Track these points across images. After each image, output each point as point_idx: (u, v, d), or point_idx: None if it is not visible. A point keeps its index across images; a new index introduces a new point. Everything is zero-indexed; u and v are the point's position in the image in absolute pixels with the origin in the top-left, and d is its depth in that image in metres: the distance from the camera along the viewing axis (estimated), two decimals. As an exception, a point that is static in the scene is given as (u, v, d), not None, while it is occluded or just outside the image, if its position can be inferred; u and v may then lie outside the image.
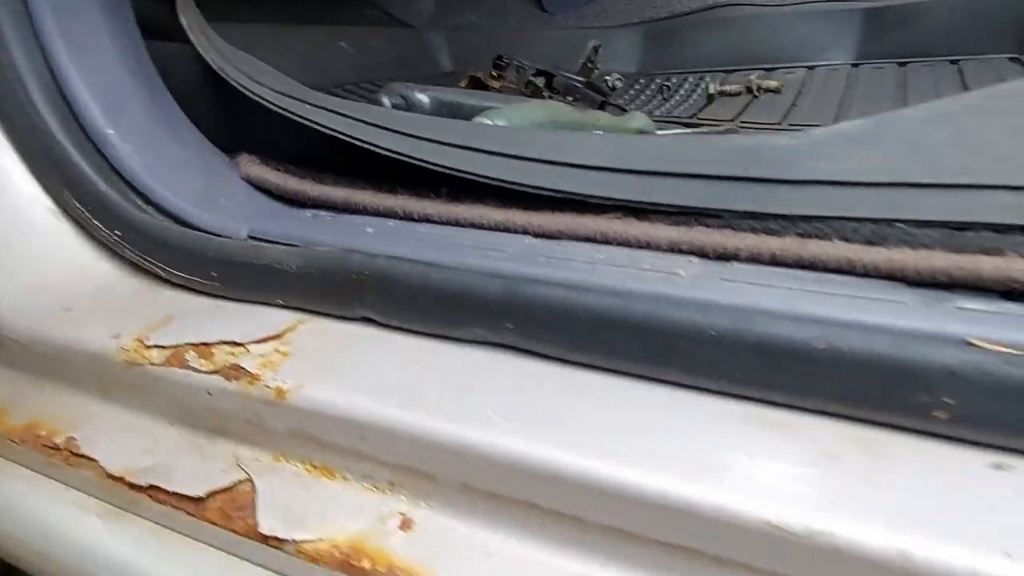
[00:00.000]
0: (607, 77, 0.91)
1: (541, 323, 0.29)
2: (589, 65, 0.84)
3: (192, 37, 0.50)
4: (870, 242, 0.29)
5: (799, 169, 0.31)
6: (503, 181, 0.36)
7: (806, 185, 0.31)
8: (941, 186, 0.29)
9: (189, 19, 0.50)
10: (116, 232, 0.40)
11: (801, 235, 0.30)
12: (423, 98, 0.47)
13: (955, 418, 0.23)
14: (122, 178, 0.41)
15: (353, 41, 0.97)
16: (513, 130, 0.41)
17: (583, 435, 0.26)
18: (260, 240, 0.38)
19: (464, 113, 0.46)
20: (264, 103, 0.44)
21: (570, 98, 0.70)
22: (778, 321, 0.25)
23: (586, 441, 0.25)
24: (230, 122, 0.50)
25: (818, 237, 0.29)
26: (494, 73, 0.71)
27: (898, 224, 0.29)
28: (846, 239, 0.29)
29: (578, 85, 0.76)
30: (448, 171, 0.37)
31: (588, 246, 0.33)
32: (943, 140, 0.30)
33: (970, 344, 0.23)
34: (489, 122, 0.42)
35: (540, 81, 0.70)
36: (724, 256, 0.30)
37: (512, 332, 0.30)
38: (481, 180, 0.36)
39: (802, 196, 0.31)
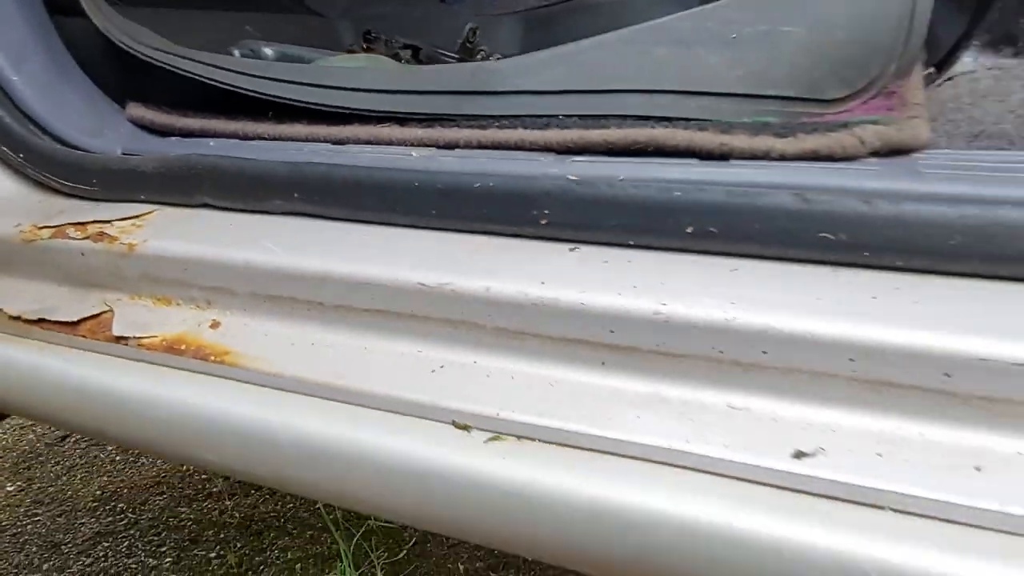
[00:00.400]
0: (490, 57, 1.04)
1: (315, 190, 0.41)
2: (468, 45, 0.97)
3: (88, 11, 0.61)
4: (539, 129, 0.41)
5: (503, 84, 0.44)
6: (309, 103, 0.48)
7: (507, 95, 0.44)
8: (591, 91, 0.42)
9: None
10: (20, 155, 0.51)
11: (499, 128, 0.43)
12: (268, 51, 0.59)
13: (550, 223, 0.36)
14: (24, 114, 0.52)
15: (262, 27, 1.09)
16: (321, 67, 0.54)
17: (339, 253, 0.38)
18: (129, 155, 0.50)
19: (305, 63, 0.58)
20: (141, 56, 0.55)
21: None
22: (459, 175, 0.38)
23: (339, 254, 0.38)
24: (124, 78, 0.61)
25: (510, 128, 0.42)
26: (364, 46, 0.83)
27: (559, 116, 0.42)
28: (526, 128, 0.42)
29: (447, 58, 0.89)
30: (272, 98, 0.49)
31: (366, 146, 0.46)
32: (599, 61, 0.43)
33: (563, 178, 0.36)
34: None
35: (407, 53, 0.82)
36: (450, 145, 0.43)
37: (298, 200, 0.42)
38: (296, 104, 0.49)
39: (503, 103, 0.44)
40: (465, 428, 0.30)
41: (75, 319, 0.42)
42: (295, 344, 0.37)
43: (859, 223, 0.30)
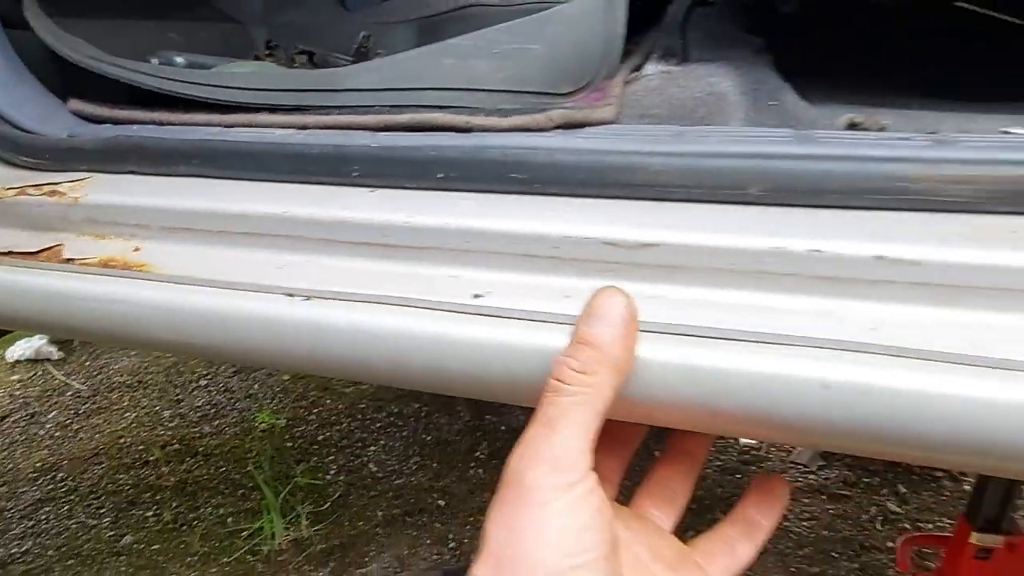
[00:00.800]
0: (384, 59, 1.23)
1: (208, 159, 0.60)
2: (363, 50, 1.16)
3: (34, 27, 0.77)
4: (362, 115, 0.60)
5: (342, 84, 0.63)
6: (205, 98, 0.66)
7: (343, 92, 0.63)
8: (400, 89, 0.62)
9: (31, 14, 0.78)
10: (-13, 139, 0.68)
11: (337, 115, 0.61)
12: (179, 59, 0.77)
13: (360, 175, 0.55)
14: (-10, 108, 0.69)
15: (184, 33, 1.25)
16: (217, 72, 0.72)
17: (221, 197, 0.56)
18: (72, 137, 0.67)
19: (209, 69, 0.76)
20: (80, 64, 0.73)
21: (328, 70, 1.01)
22: (305, 146, 0.57)
23: (222, 198, 0.56)
24: (65, 80, 0.78)
25: (343, 115, 0.61)
26: (267, 52, 1.01)
27: (377, 107, 0.61)
28: (354, 115, 0.61)
29: (342, 62, 1.07)
30: (179, 95, 0.67)
31: (245, 128, 0.64)
32: (407, 68, 0.63)
33: (368, 146, 0.55)
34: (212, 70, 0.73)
35: (303, 58, 1.00)
36: (304, 127, 0.62)
37: (196, 166, 0.60)
38: (197, 99, 0.67)
39: (342, 97, 0.63)
40: (291, 295, 0.49)
41: (35, 250, 0.59)
42: (190, 257, 0.55)
43: (533, 167, 0.50)
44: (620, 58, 0.62)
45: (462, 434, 2.10)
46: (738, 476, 1.88)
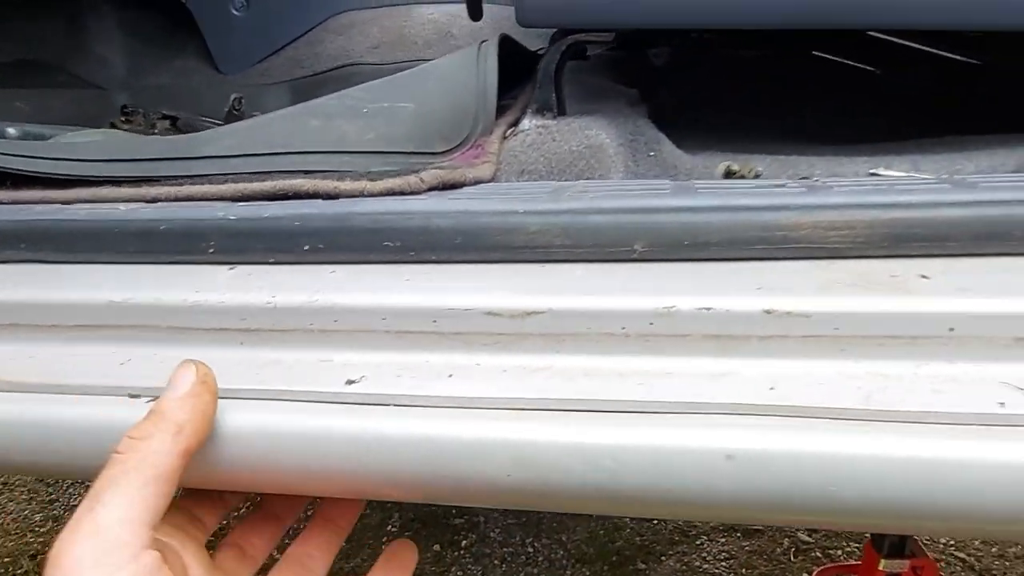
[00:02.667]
0: (259, 121, 1.17)
1: (38, 241, 0.53)
2: (236, 112, 1.10)
3: None
4: (219, 184, 0.55)
5: (197, 151, 0.58)
6: (40, 173, 0.59)
7: (198, 159, 0.58)
8: (261, 154, 0.57)
9: None
10: None
11: (191, 184, 0.56)
12: (11, 130, 0.69)
13: (215, 251, 0.49)
14: None
15: (34, 102, 1.15)
16: (56, 143, 0.65)
17: (52, 285, 0.49)
18: None
19: (46, 139, 0.68)
20: None
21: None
22: (151, 222, 0.51)
23: (52, 287, 0.49)
24: None
25: (198, 184, 0.56)
26: (123, 119, 0.94)
27: (235, 174, 0.56)
28: (211, 183, 0.55)
29: (210, 125, 1.01)
30: (9, 171, 0.60)
31: (87, 204, 0.57)
32: (267, 131, 0.58)
33: (226, 218, 0.50)
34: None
35: (165, 124, 0.94)
36: (153, 199, 0.56)
37: (25, 250, 0.53)
38: (32, 173, 0.60)
39: (196, 165, 0.57)
40: (134, 396, 0.42)
41: None
42: (16, 359, 0.48)
43: (406, 233, 0.46)
44: (495, 113, 0.60)
45: (373, 508, 1.99)
46: (655, 522, 1.86)
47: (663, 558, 1.83)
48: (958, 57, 0.88)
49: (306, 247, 0.48)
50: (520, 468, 0.37)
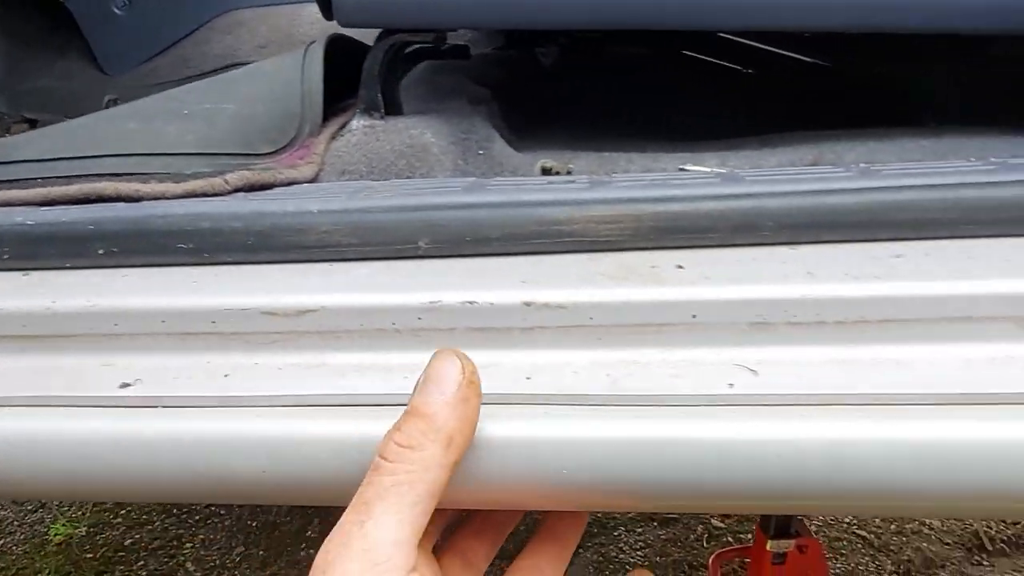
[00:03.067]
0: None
1: None
2: (112, 114, 1.08)
3: None
4: (26, 188, 0.54)
5: (7, 154, 0.57)
6: None
7: (14, 164, 0.56)
8: (80, 157, 0.56)
9: None
10: None
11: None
12: None
13: (10, 257, 0.48)
14: None
15: None
16: None
17: None
18: None
19: None
20: None
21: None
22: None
23: None
24: None
25: (8, 190, 0.54)
26: (-25, 122, 0.91)
27: (42, 178, 0.55)
28: (18, 188, 0.54)
29: (78, 129, 0.98)
30: None
31: None
32: (82, 134, 0.57)
33: (23, 224, 0.49)
34: None
35: (23, 127, 0.91)
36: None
37: None
38: None
39: (6, 170, 0.56)
40: None
41: None
42: None
43: (200, 235, 0.46)
44: (322, 114, 0.60)
45: (292, 513, 1.97)
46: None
47: (581, 551, 1.85)
48: (807, 59, 0.92)
49: (100, 251, 0.47)
50: (276, 463, 0.37)
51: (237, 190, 0.51)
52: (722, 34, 1.00)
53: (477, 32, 1.23)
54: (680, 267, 0.41)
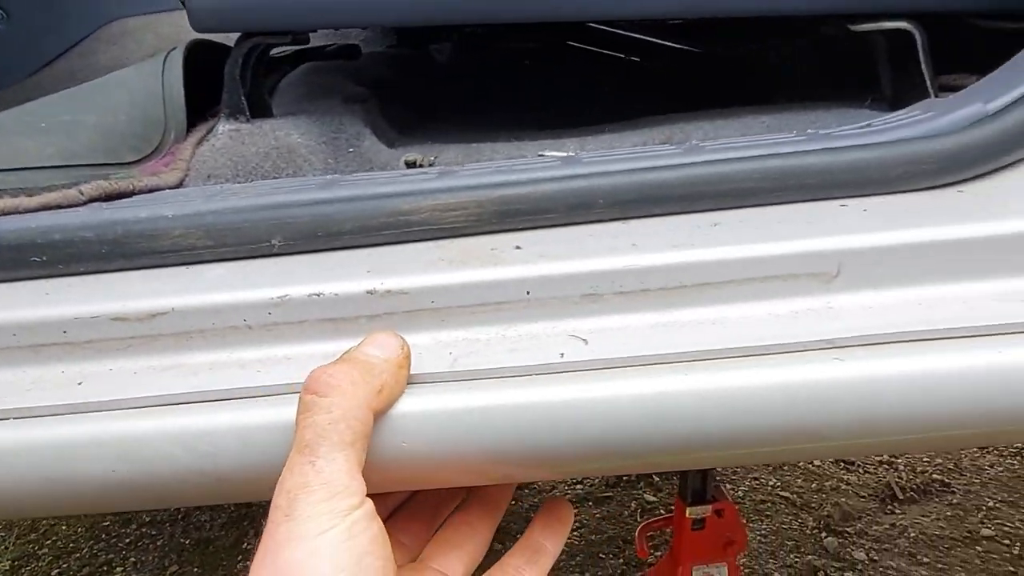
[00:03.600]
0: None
1: None
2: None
3: None
4: None
5: None
6: None
7: None
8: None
9: None
10: None
11: None
12: None
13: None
14: None
15: None
16: None
17: None
18: None
19: None
20: None
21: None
22: None
23: None
24: None
25: None
26: None
27: None
28: None
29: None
30: None
31: None
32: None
33: None
34: None
35: None
36: None
37: None
38: None
39: None
40: None
41: None
42: None
43: (52, 247, 0.46)
44: (186, 119, 0.60)
45: (227, 527, 1.94)
46: (513, 502, 1.92)
47: (518, 536, 1.88)
48: (678, 46, 0.96)
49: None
50: (130, 464, 0.38)
51: (92, 200, 0.51)
52: (602, 26, 1.03)
53: (372, 31, 1.23)
54: (518, 247, 0.43)
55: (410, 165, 0.58)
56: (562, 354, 0.39)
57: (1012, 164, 0.44)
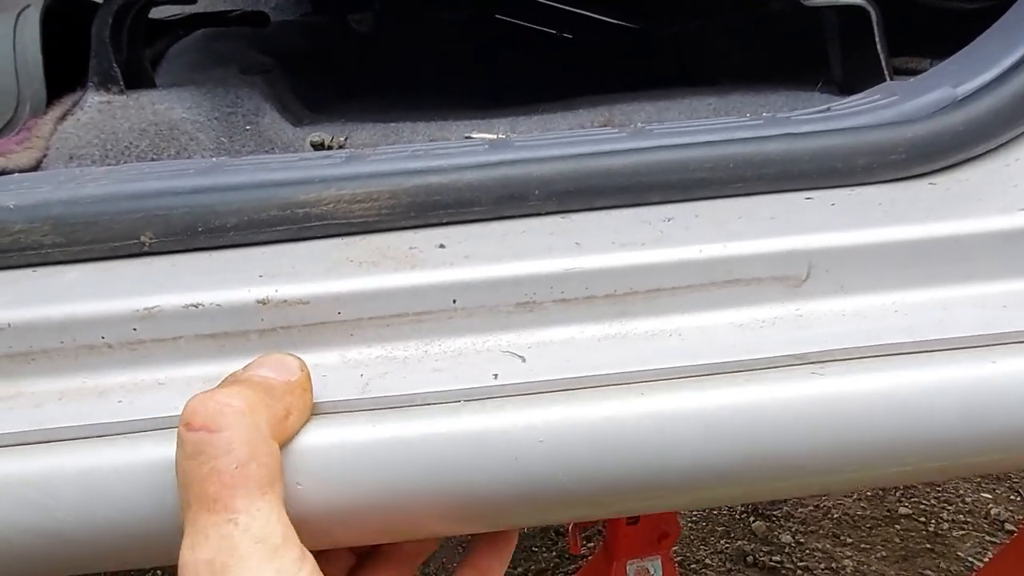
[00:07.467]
0: None
1: None
2: None
3: None
4: None
5: None
6: None
7: None
8: None
9: None
10: None
11: None
12: None
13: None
14: None
15: None
16: None
17: None
18: None
19: None
20: None
21: None
22: None
23: None
24: None
25: None
26: None
27: None
28: None
29: None
30: None
31: None
32: None
33: None
34: None
35: None
36: None
37: None
38: None
39: None
40: None
41: None
42: None
43: None
44: (44, 89, 0.51)
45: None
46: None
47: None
48: (614, 21, 0.91)
49: None
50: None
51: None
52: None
53: (285, -3, 1.13)
54: (442, 246, 0.37)
55: (316, 147, 0.51)
56: (495, 375, 0.33)
57: (983, 155, 0.40)
